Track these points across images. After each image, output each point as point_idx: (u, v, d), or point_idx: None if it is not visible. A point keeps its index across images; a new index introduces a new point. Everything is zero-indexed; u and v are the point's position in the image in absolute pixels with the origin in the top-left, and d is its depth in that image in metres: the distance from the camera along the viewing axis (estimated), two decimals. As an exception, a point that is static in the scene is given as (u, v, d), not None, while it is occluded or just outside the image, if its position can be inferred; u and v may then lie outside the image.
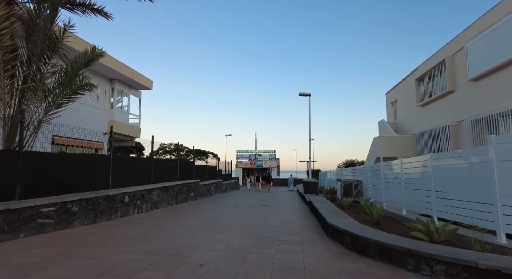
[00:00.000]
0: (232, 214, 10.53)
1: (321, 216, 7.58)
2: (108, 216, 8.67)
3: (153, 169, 12.42)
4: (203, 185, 18.42)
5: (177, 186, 14.14)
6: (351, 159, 31.06)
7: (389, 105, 23.35)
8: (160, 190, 12.27)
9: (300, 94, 16.89)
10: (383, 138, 18.33)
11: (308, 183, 16.23)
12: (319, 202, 10.48)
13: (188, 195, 15.73)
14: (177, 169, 15.21)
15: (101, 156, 10.67)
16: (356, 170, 14.93)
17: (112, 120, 16.62)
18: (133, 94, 18.60)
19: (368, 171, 11.83)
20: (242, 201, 16.05)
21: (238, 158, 42.02)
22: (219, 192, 22.43)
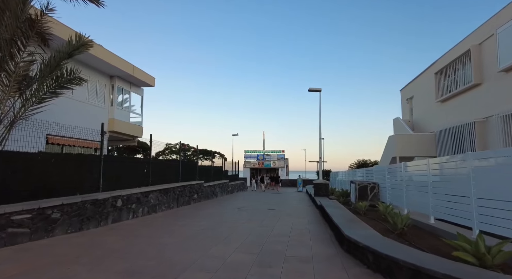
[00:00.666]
0: (235, 220, 9.58)
1: (335, 225, 6.55)
2: (97, 222, 7.83)
3: (151, 170, 11.59)
4: (207, 186, 17.55)
5: (178, 188, 13.28)
6: (363, 159, 29.74)
7: (404, 102, 22.03)
8: (158, 192, 11.41)
9: (309, 90, 15.84)
10: (399, 137, 17.09)
11: (319, 185, 15.16)
12: (331, 207, 9.43)
13: (191, 197, 14.87)
14: (178, 169, 14.36)
15: (91, 156, 9.86)
16: (371, 171, 13.79)
17: (112, 119, 15.91)
18: (134, 91, 17.87)
19: (385, 172, 10.71)
20: (247, 204, 15.10)
21: (245, 158, 41.11)
22: (225, 194, 21.54)
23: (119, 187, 9.53)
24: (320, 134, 15.73)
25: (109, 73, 15.71)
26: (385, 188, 10.86)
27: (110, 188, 9.05)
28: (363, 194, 11.38)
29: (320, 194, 15.05)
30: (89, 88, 14.47)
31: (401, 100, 22.96)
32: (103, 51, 14.07)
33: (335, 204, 10.64)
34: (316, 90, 15.86)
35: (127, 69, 15.65)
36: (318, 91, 15.89)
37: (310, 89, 15.81)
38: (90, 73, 14.49)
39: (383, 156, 19.62)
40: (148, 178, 11.44)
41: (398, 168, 9.22)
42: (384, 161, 18.92)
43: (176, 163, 14.42)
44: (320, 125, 15.74)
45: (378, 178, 11.93)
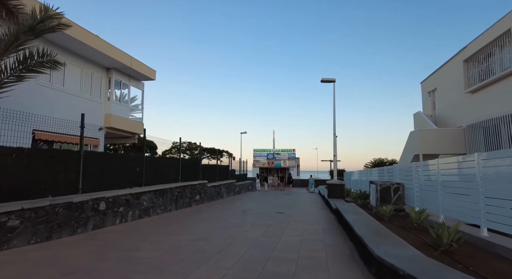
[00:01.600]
0: (237, 226, 8.24)
1: (358, 238, 5.13)
2: (72, 229, 6.63)
3: (145, 169, 10.39)
4: (211, 186, 16.30)
5: (177, 189, 12.06)
6: (379, 158, 27.95)
7: (426, 95, 20.24)
8: (153, 193, 10.20)
9: (322, 81, 14.36)
10: (422, 132, 15.40)
11: (333, 186, 13.67)
12: (350, 212, 7.98)
13: (192, 199, 13.63)
14: (178, 168, 13.14)
15: (67, 152, 8.63)
16: (391, 170, 12.22)
17: (109, 114, 14.84)
18: (134, 85, 16.79)
19: (413, 171, 9.16)
20: (254, 206, 13.75)
21: (255, 157, 39.78)
22: (231, 194, 20.27)
23: (104, 188, 8.35)
24: (334, 129, 14.23)
25: (105, 65, 14.65)
26: (411, 189, 9.33)
27: (93, 189, 7.86)
28: (385, 197, 9.87)
29: (334, 196, 13.56)
30: (83, 81, 13.43)
31: (421, 94, 21.17)
32: (98, 41, 13.00)
33: (353, 208, 9.17)
34: (330, 81, 14.37)
35: (124, 60, 14.55)
36: (331, 81, 14.40)
37: (323, 80, 14.33)
38: (84, 64, 13.45)
39: (404, 154, 17.93)
40: (141, 178, 10.25)
41: (432, 166, 7.68)
42: (405, 160, 17.24)
43: (175, 162, 13.21)
44: (334, 120, 14.25)
45: (402, 177, 10.38)
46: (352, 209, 8.66)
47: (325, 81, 14.43)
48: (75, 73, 13.05)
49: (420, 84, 21.21)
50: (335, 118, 14.21)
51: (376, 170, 14.47)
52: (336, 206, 9.85)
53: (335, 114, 14.23)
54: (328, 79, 14.36)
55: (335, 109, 14.31)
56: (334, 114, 14.25)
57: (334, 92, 14.34)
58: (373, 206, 10.51)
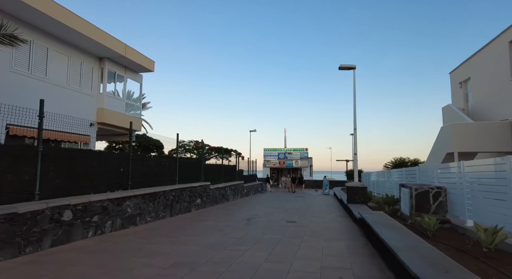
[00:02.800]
0: (236, 241, 6.52)
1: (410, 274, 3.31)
2: (15, 249, 5.06)
3: (131, 169, 8.80)
4: (215, 189, 14.65)
5: (172, 192, 10.45)
6: (400, 157, 25.71)
7: (456, 86, 18.00)
8: (141, 198, 8.61)
9: (340, 68, 12.48)
10: (458, 127, 13.29)
11: (354, 189, 11.76)
12: (382, 226, 6.12)
13: (192, 203, 12.01)
14: (175, 169, 11.55)
15: (19, 147, 6.96)
16: (425, 170, 10.23)
17: (101, 108, 13.42)
18: (131, 77, 15.33)
19: (462, 171, 7.21)
20: (261, 212, 12.00)
21: (265, 157, 38.04)
22: (238, 197, 18.60)
23: (75, 193, 6.80)
24: (355, 123, 12.31)
25: (97, 54, 13.21)
26: (458, 195, 7.38)
27: (56, 195, 6.30)
28: (422, 204, 7.94)
29: (356, 201, 11.66)
30: (70, 70, 12.02)
31: (450, 85, 18.93)
32: (86, 26, 11.56)
33: (383, 218, 7.29)
34: (349, 68, 12.47)
35: (118, 48, 13.08)
36: (351, 69, 12.49)
37: (342, 67, 12.44)
38: (72, 51, 12.03)
39: (432, 152, 15.80)
40: (126, 180, 8.67)
41: (499, 165, 5.73)
42: (434, 159, 15.13)
43: (171, 161, 11.61)
44: (355, 112, 12.33)
45: (441, 180, 8.42)
46: (383, 221, 6.79)
47: (344, 68, 12.55)
48: (61, 62, 11.64)
49: (449, 74, 18.98)
50: (356, 110, 12.30)
51: (404, 170, 12.46)
52: (361, 215, 7.99)
53: (356, 106, 12.33)
54: (347, 66, 12.47)
55: (355, 100, 12.40)
56: (355, 105, 12.34)
57: (354, 81, 12.43)
58: (405, 214, 8.59)
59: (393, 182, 14.47)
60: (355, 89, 12.46)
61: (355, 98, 12.44)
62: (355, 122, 12.31)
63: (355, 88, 12.47)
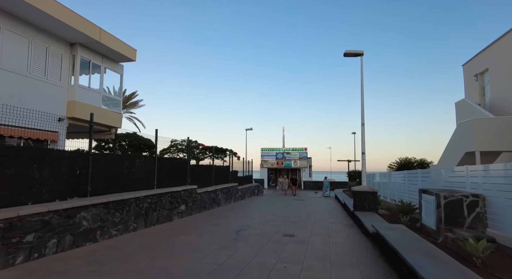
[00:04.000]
0: (213, 272, 4.85)
1: None
2: None
3: (91, 172, 7.13)
4: (204, 193, 12.99)
5: (148, 199, 8.79)
6: (406, 158, 24.04)
7: (471, 79, 16.39)
8: (102, 208, 6.94)
9: (346, 54, 10.83)
10: (481, 123, 11.66)
11: (362, 194, 10.10)
12: (415, 252, 4.46)
13: (174, 211, 10.35)
14: (153, 170, 9.89)
15: None
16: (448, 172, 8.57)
17: (72, 101, 11.72)
18: (110, 67, 13.63)
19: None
20: (255, 221, 10.35)
21: (262, 157, 36.36)
22: (231, 201, 16.92)
23: (4, 204, 5.13)
24: (363, 117, 10.65)
25: (67, 39, 11.50)
26: (503, 206, 5.73)
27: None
28: (454, 216, 6.30)
29: (364, 208, 10.01)
30: (31, 56, 10.31)
31: (464, 78, 17.32)
32: (50, 3, 9.88)
33: (410, 237, 5.61)
34: (356, 54, 10.82)
35: (90, 32, 11.38)
36: (358, 55, 10.85)
37: (347, 53, 10.79)
38: (34, 34, 10.33)
39: (447, 152, 14.18)
40: (84, 185, 7.00)
41: None
42: (449, 159, 13.51)
43: (149, 162, 9.94)
44: (363, 104, 10.67)
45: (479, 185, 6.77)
46: (411, 243, 5.12)
47: (349, 55, 10.90)
48: (18, 45, 9.95)
49: (462, 67, 17.37)
50: (364, 103, 10.66)
51: (420, 172, 10.81)
52: (376, 230, 6.34)
53: (364, 97, 10.69)
54: (354, 52, 10.83)
55: (363, 92, 10.76)
56: (362, 97, 10.70)
57: (362, 69, 10.79)
58: (428, 227, 6.95)
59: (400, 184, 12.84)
60: (362, 79, 10.83)
61: (362, 89, 10.80)
62: (363, 117, 10.66)
63: (362, 78, 10.84)
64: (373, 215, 9.24)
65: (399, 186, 13.26)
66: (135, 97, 36.28)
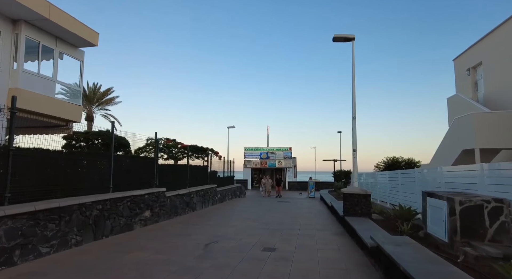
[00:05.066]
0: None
1: None
2: None
3: (10, 173, 5.48)
4: (174, 196, 11.42)
5: (98, 204, 7.19)
6: (393, 157, 23.24)
7: (463, 74, 15.58)
8: (26, 219, 5.31)
9: (335, 39, 9.57)
10: (480, 118, 10.70)
11: (353, 197, 8.83)
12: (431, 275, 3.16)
13: (136, 218, 8.75)
14: (109, 171, 8.27)
15: None
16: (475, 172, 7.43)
17: (15, 89, 9.89)
18: (67, 52, 11.82)
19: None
20: (232, 229, 8.90)
21: (246, 157, 34.93)
22: (209, 204, 15.39)
23: None
24: (354, 110, 9.41)
25: (8, 13, 9.67)
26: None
27: None
28: (472, 225, 5.07)
29: (356, 212, 8.75)
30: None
31: (455, 73, 16.52)
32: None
33: (425, 257, 4.32)
34: (347, 39, 9.58)
35: (35, 6, 9.57)
36: (349, 40, 9.61)
37: (337, 37, 9.53)
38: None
39: (441, 150, 13.22)
40: (2, 189, 5.34)
41: None
42: (442, 158, 12.53)
43: (103, 160, 8.30)
44: (354, 94, 9.43)
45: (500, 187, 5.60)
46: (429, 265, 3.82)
47: (339, 40, 9.65)
48: None
49: (453, 61, 16.58)
50: (355, 93, 9.43)
51: (417, 172, 9.67)
52: (377, 244, 5.03)
53: (355, 87, 9.46)
54: (344, 36, 9.59)
55: (354, 80, 9.53)
56: (354, 86, 9.47)
57: (353, 55, 9.55)
58: (437, 239, 5.71)
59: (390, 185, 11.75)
60: (354, 67, 9.60)
61: (354, 78, 9.57)
62: (354, 109, 9.42)
63: (354, 65, 9.61)
64: (366, 222, 7.98)
65: (390, 187, 12.16)
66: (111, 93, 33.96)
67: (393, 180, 11.82)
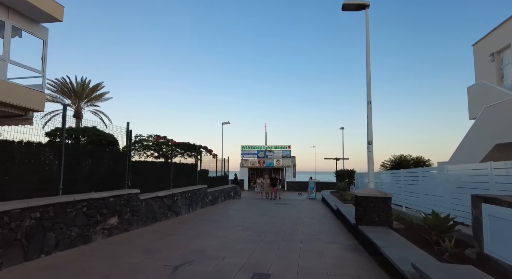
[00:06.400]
0: None
1: None
2: None
3: None
4: (152, 199, 9.58)
5: (35, 212, 5.36)
6: (401, 155, 21.57)
7: (484, 61, 13.80)
8: None
9: (345, 7, 7.77)
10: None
11: (370, 202, 7.02)
12: None
13: (97, 227, 6.92)
14: (59, 168, 6.44)
15: None
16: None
17: (-49, 67, 8.03)
18: (24, 27, 9.95)
19: None
20: (215, 242, 7.07)
21: (243, 156, 33.10)
22: (198, 207, 13.55)
23: None
24: (369, 91, 7.60)
25: None
26: None
27: None
28: None
29: (372, 220, 6.94)
30: None
31: (474, 60, 14.72)
32: None
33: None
34: (360, 6, 7.78)
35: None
36: (362, 8, 7.81)
37: (347, 4, 7.72)
38: None
39: (465, 146, 11.43)
40: None
41: None
42: (468, 155, 10.73)
43: (47, 154, 6.45)
44: (369, 74, 7.63)
45: None
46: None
47: (349, 7, 7.84)
48: None
49: (472, 47, 14.80)
50: (370, 72, 7.62)
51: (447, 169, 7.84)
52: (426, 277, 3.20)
53: (370, 64, 7.66)
54: (356, 3, 7.77)
55: (369, 56, 7.73)
56: (368, 63, 7.66)
57: (367, 25, 7.75)
58: (508, 265, 3.90)
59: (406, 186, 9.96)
60: (368, 38, 7.80)
61: (368, 52, 7.76)
62: (369, 92, 7.60)
63: (368, 37, 7.81)
64: (388, 234, 6.18)
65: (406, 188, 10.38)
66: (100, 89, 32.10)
67: (412, 179, 10.03)
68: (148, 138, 25.63)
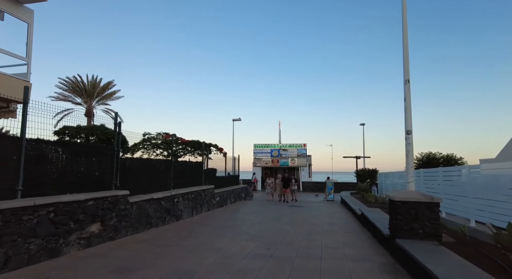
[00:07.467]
0: None
1: None
2: None
3: None
4: (145, 201, 8.29)
5: None
6: (430, 153, 19.56)
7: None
8: None
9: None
10: None
11: (412, 207, 5.41)
12: None
13: (70, 236, 5.67)
14: (18, 166, 5.21)
15: None
16: None
17: None
18: (8, 10, 8.91)
19: None
20: (212, 259, 5.65)
21: (255, 155, 31.65)
22: (204, 210, 12.20)
23: None
24: (407, 69, 5.98)
25: None
26: None
27: None
28: None
29: (414, 233, 5.33)
30: None
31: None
32: None
33: None
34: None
35: None
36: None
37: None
38: None
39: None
40: None
41: None
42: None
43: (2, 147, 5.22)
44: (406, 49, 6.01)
45: None
46: None
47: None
48: None
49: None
50: (408, 47, 5.99)
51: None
52: None
53: (407, 35, 6.03)
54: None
55: (406, 25, 6.10)
56: (405, 32, 6.03)
57: None
58: None
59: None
60: (405, 6, 6.15)
61: (405, 23, 6.13)
62: (407, 70, 5.97)
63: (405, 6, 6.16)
64: (441, 253, 4.56)
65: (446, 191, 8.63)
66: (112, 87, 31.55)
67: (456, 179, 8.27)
68: (157, 136, 24.51)
